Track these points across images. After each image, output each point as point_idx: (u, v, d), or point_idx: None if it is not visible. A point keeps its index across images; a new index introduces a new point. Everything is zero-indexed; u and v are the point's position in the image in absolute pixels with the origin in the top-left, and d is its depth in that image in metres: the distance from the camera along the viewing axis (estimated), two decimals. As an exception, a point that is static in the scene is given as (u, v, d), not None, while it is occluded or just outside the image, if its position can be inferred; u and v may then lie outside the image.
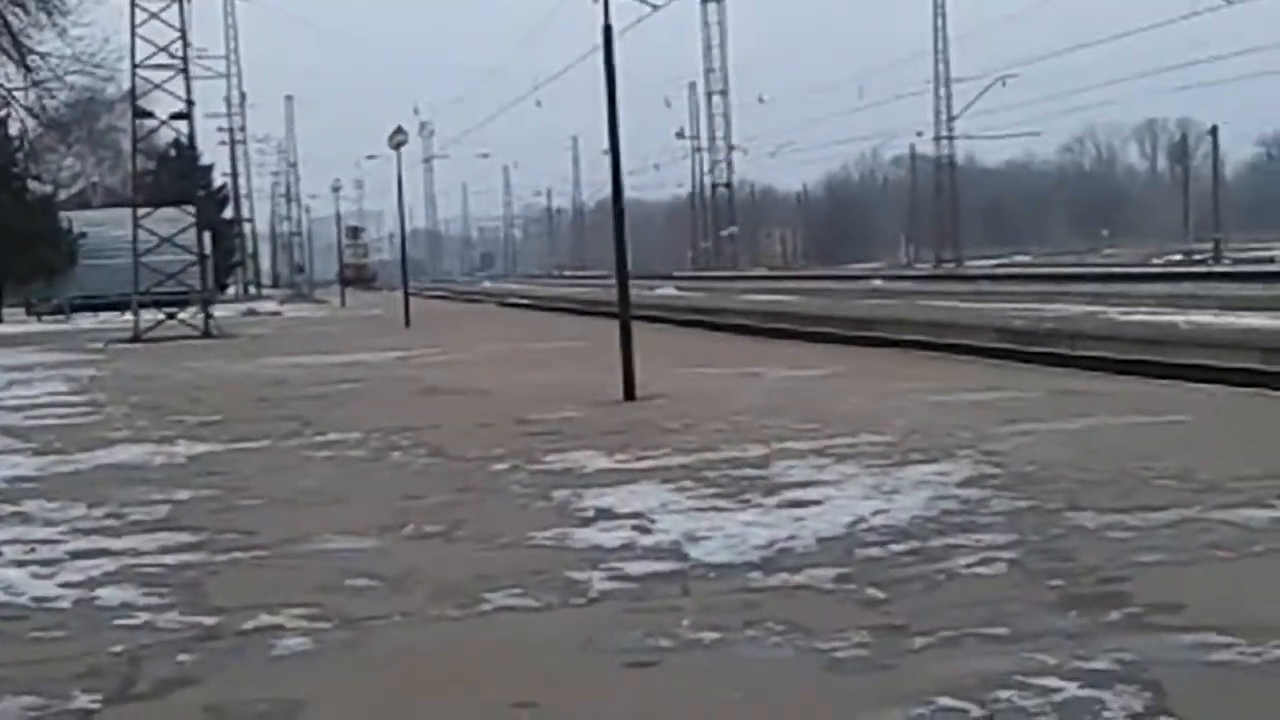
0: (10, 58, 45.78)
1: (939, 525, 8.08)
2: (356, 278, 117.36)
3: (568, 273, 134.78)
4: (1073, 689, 5.14)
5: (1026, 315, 27.96)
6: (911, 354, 22.20)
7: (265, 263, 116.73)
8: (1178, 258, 71.49)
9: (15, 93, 47.87)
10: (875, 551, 7.50)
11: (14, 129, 53.04)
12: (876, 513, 8.48)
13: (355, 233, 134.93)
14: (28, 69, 45.94)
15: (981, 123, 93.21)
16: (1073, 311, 28.22)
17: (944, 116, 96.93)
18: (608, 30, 16.39)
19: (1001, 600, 6.39)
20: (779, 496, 9.19)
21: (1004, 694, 5.10)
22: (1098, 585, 6.61)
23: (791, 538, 7.89)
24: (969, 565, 7.09)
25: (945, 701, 5.06)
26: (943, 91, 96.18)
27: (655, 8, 23.66)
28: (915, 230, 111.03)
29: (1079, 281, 46.43)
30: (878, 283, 62.12)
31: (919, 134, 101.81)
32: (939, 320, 29.12)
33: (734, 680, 5.50)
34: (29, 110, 49.18)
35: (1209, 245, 73.90)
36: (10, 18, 44.90)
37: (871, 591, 6.67)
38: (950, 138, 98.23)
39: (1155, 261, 69.07)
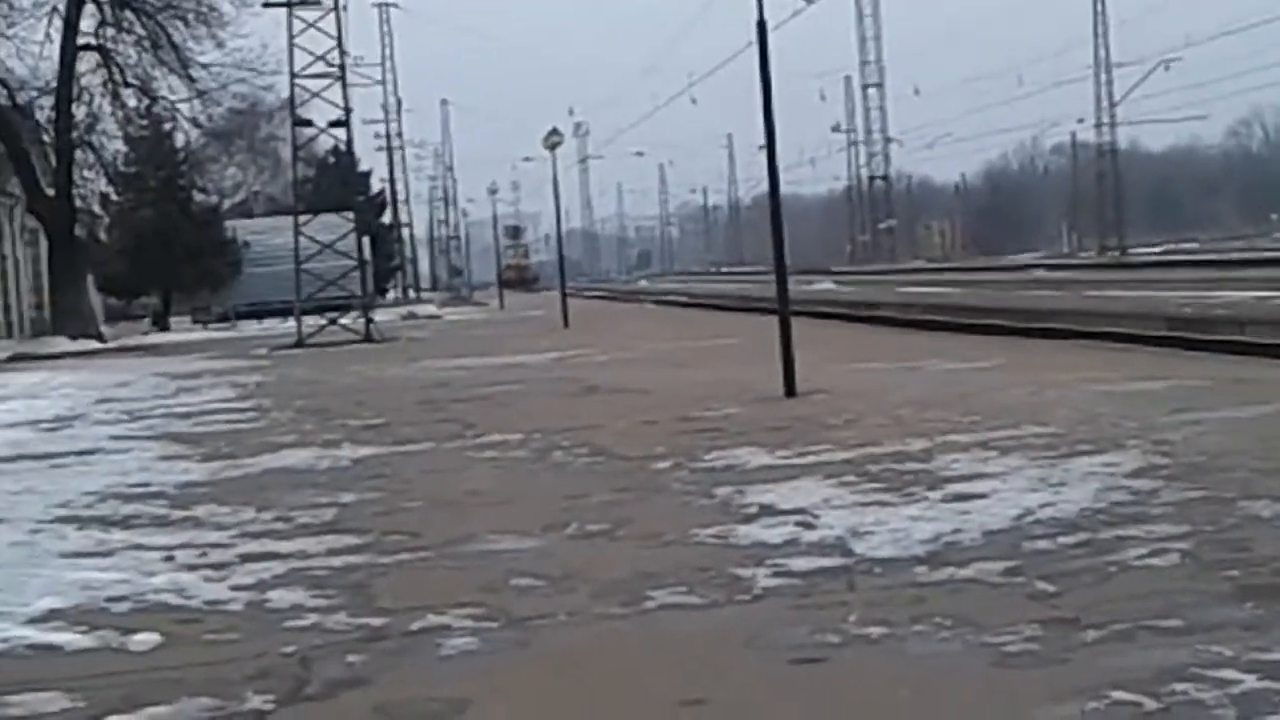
0: (174, 71, 46.72)
1: (1108, 517, 7.94)
2: (518, 279, 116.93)
3: (725, 269, 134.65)
4: (1251, 681, 5.01)
5: (1194, 302, 27.47)
6: (1076, 344, 21.86)
7: (424, 266, 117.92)
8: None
9: (179, 104, 48.86)
10: (1043, 544, 7.38)
11: (179, 141, 54.09)
12: (1044, 505, 8.35)
13: (516, 233, 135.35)
14: (191, 80, 46.86)
15: (1144, 108, 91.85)
16: (1242, 297, 27.67)
17: (1105, 102, 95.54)
18: (762, 25, 16.34)
19: (1175, 592, 6.26)
20: (943, 490, 9.09)
21: (1180, 687, 4.99)
22: (1275, 576, 6.46)
23: (957, 531, 7.80)
24: (1140, 557, 6.96)
25: (1119, 695, 4.96)
26: (1104, 77, 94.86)
27: (809, 1, 23.59)
28: (1077, 219, 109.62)
29: (1248, 267, 45.50)
30: (1039, 273, 61.39)
31: (1080, 121, 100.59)
32: (1103, 309, 28.71)
33: (902, 676, 5.44)
34: (193, 122, 50.17)
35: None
36: (172, 30, 45.81)
37: (1040, 585, 6.56)
38: (1112, 124, 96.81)
39: (1326, 245, 67.53)
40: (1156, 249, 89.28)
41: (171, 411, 19.32)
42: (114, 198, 54.97)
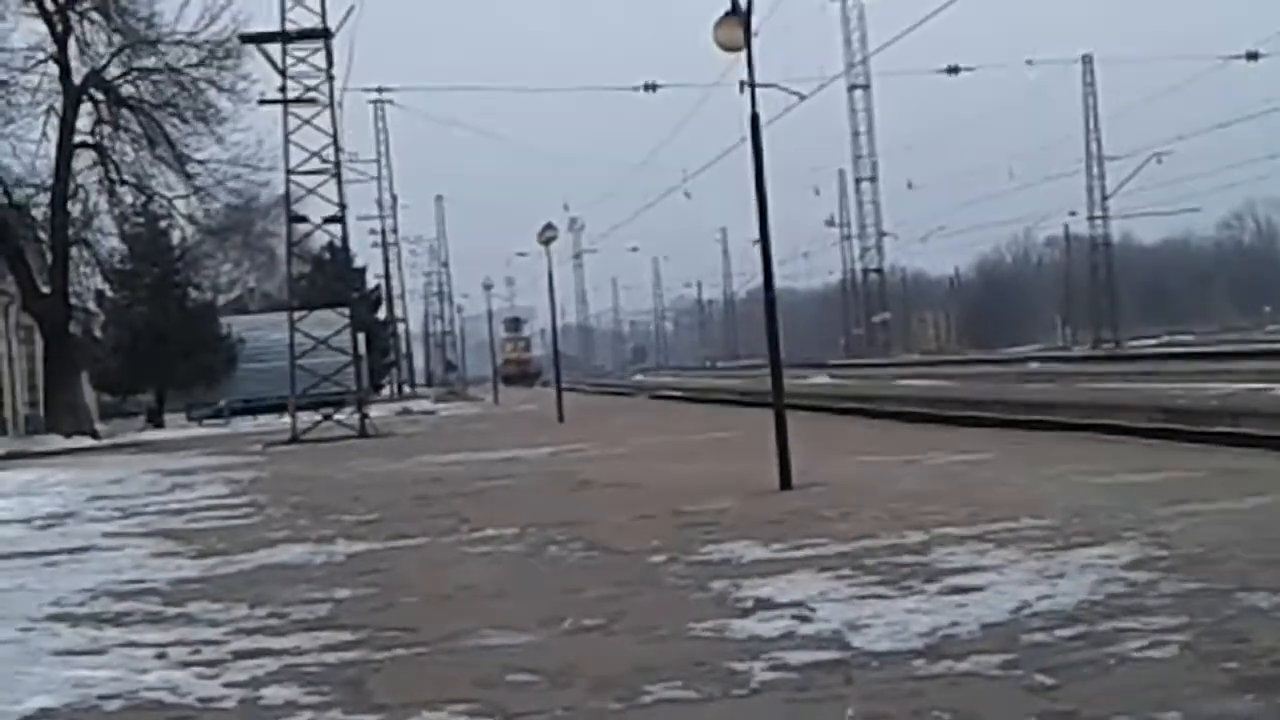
0: (171, 167, 46.95)
1: (1106, 609, 7.91)
2: (519, 374, 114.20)
3: (720, 364, 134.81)
4: (1252, 774, 4.98)
5: (1189, 394, 27.49)
6: (1071, 436, 21.85)
7: (419, 361, 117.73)
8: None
9: (176, 201, 49.06)
10: (1041, 637, 7.36)
11: (174, 237, 54.25)
12: (1041, 597, 8.33)
13: (516, 324, 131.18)
14: (188, 176, 47.07)
15: (1136, 200, 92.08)
16: (1236, 389, 27.69)
17: (1097, 195, 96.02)
18: (754, 120, 16.43)
19: (1174, 684, 6.23)
20: (940, 583, 9.06)
21: (1181, 780, 4.96)
22: (1274, 667, 6.43)
23: (955, 624, 7.77)
24: (1139, 649, 6.93)
25: (1120, 789, 4.92)
26: (1095, 170, 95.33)
27: (802, 97, 23.68)
28: (1071, 311, 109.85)
29: (1242, 359, 45.56)
30: (1034, 365, 61.48)
31: (1072, 214, 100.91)
32: (1099, 401, 28.71)
33: (901, 771, 5.40)
34: (188, 218, 50.36)
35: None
36: (169, 128, 46.07)
37: (1039, 677, 6.53)
38: (1105, 217, 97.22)
39: (1320, 337, 67.69)
40: (1150, 341, 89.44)
41: (165, 508, 19.27)
42: (109, 294, 55.08)
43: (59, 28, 45.70)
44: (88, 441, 44.19)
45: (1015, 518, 11.84)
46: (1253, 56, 73.31)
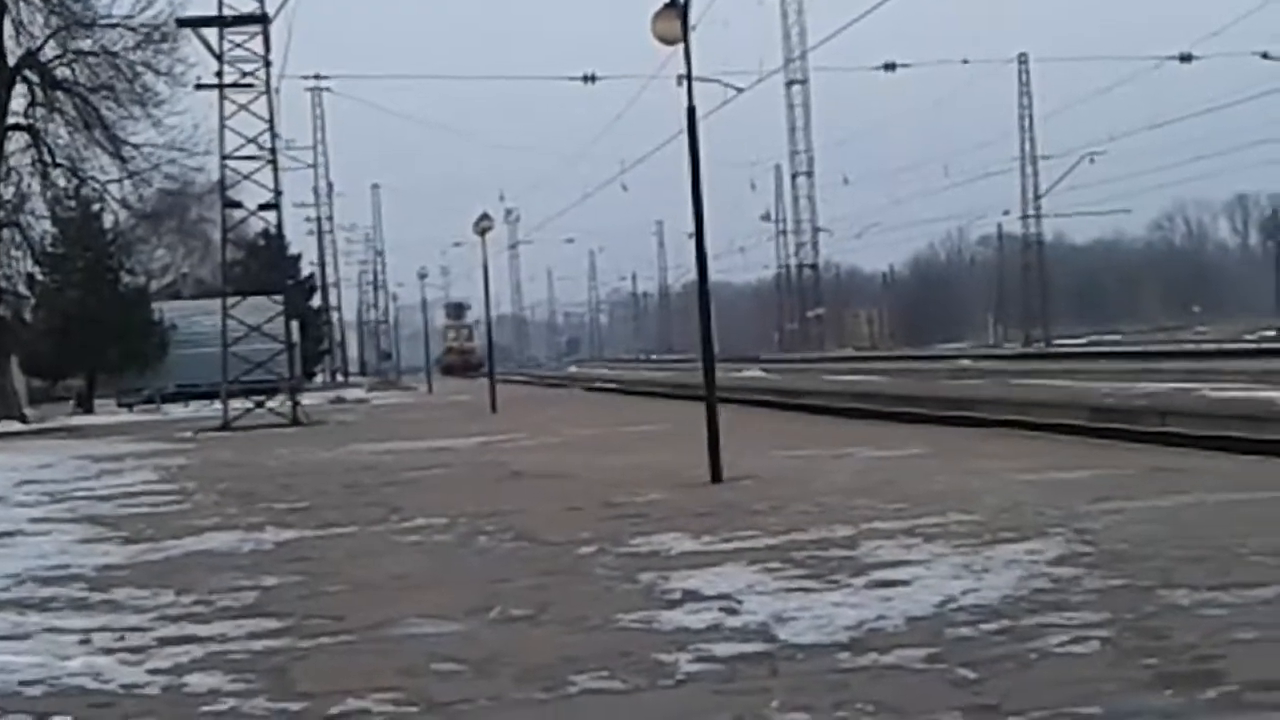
0: (104, 149, 46.55)
1: (1030, 604, 7.98)
2: (460, 365, 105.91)
3: (654, 356, 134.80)
4: (1170, 769, 5.03)
5: (1117, 393, 27.70)
6: (1001, 433, 22.00)
7: (353, 350, 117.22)
8: (1271, 334, 70.67)
9: (109, 185, 48.66)
10: (966, 631, 7.41)
11: (107, 222, 53.80)
12: (966, 592, 8.39)
13: (459, 311, 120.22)
14: (122, 160, 46.69)
15: (1069, 200, 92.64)
16: (1164, 388, 27.92)
17: (1031, 195, 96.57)
18: (691, 113, 16.46)
19: (1095, 679, 6.29)
20: (867, 577, 9.12)
21: (1099, 774, 5.01)
22: (1193, 663, 6.50)
23: (880, 618, 7.82)
24: (1062, 644, 6.99)
25: (1039, 782, 4.97)
26: (1029, 169, 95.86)
27: (739, 91, 23.76)
28: (1003, 309, 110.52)
29: (1170, 359, 45.95)
30: (966, 362, 61.79)
31: (1006, 212, 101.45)
32: (1028, 399, 28.90)
33: (823, 762, 5.43)
34: (122, 202, 49.97)
35: (1302, 320, 73.11)
36: (105, 111, 45.68)
37: (962, 671, 6.58)
38: (1038, 216, 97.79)
39: (1248, 338, 68.26)
40: (1080, 340, 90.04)
41: (93, 494, 19.14)
42: (40, 278, 54.56)
43: (-6, 9, 45.25)
44: (16, 426, 43.81)
45: (943, 513, 11.92)
46: (1185, 58, 73.81)
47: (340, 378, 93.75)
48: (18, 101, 46.43)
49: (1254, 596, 7.83)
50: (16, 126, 46.63)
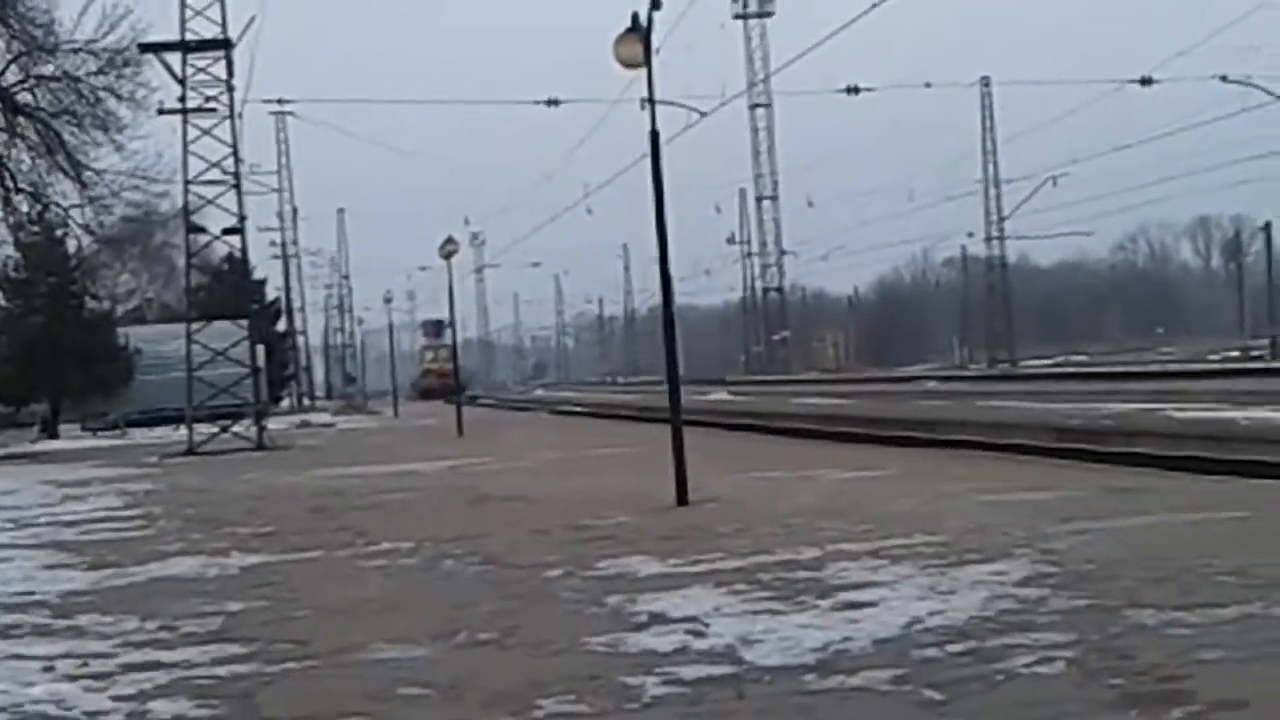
0: (67, 175, 46.30)
1: (996, 625, 7.99)
2: (441, 388, 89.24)
3: (620, 380, 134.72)
4: (1135, 789, 5.04)
5: (1082, 414, 27.77)
6: (966, 454, 22.06)
7: (319, 375, 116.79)
8: (1234, 354, 71.01)
9: (72, 210, 48.43)
10: (932, 652, 7.42)
11: (71, 247, 53.58)
12: (933, 613, 8.40)
13: (439, 329, 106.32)
14: (84, 185, 46.48)
15: (1033, 222, 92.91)
16: (1129, 409, 28.01)
17: (994, 217, 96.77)
18: (654, 136, 16.47)
19: (1061, 700, 6.30)
20: (834, 598, 9.12)
21: (1065, 795, 5.01)
22: (1159, 683, 6.52)
23: (847, 639, 7.82)
24: (1027, 665, 7.00)
25: (1005, 803, 4.97)
26: (993, 192, 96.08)
27: (702, 114, 23.83)
28: (968, 331, 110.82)
29: (1135, 379, 46.13)
30: (931, 384, 61.90)
31: (970, 235, 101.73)
32: (994, 420, 28.95)
33: (790, 785, 5.43)
34: (85, 228, 49.73)
35: (1265, 341, 73.44)
36: (67, 136, 45.50)
37: (928, 693, 6.59)
38: (1001, 238, 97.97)
39: (1211, 358, 68.55)
40: (1045, 361, 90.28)
41: (57, 519, 19.03)
42: (3, 304, 54.35)
43: (-45, 34, 45.03)
44: (-21, 452, 43.58)
45: (909, 534, 11.94)
46: (1146, 82, 74.21)
47: (306, 402, 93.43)
48: (-21, 128, 46.20)
49: (1219, 616, 7.85)
50: (-22, 152, 46.40)
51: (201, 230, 43.09)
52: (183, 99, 39.85)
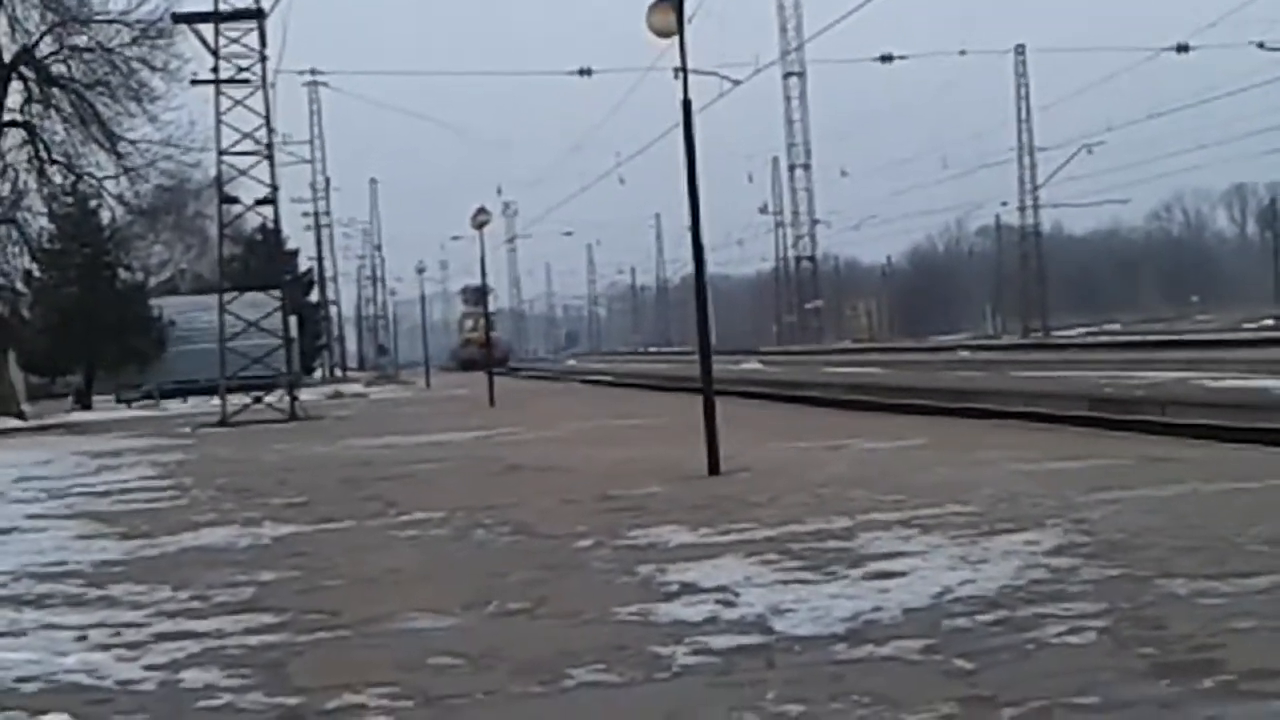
0: (101, 145, 46.45)
1: (1027, 595, 7.96)
2: (483, 360, 78.59)
3: (652, 349, 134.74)
4: (1166, 759, 5.02)
5: (1116, 383, 27.69)
6: (999, 424, 21.98)
7: (351, 345, 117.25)
8: (1269, 323, 70.64)
9: (106, 181, 48.58)
10: (962, 622, 7.40)
11: (104, 218, 53.76)
12: (964, 583, 8.38)
13: (480, 295, 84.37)
14: (118, 156, 46.61)
15: (1067, 191, 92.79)
16: (1163, 378, 27.92)
17: (1029, 185, 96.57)
18: (687, 105, 16.42)
19: (1092, 669, 6.27)
20: (864, 568, 9.10)
21: (1095, 765, 4.99)
22: (1190, 653, 6.49)
23: (877, 609, 7.81)
24: (1058, 634, 6.98)
25: (1035, 773, 4.95)
26: (1027, 160, 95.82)
27: (736, 83, 23.76)
28: (1001, 300, 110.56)
29: (1169, 348, 45.95)
30: (964, 353, 61.78)
31: (1004, 204, 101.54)
32: (1027, 390, 28.88)
33: (819, 754, 5.42)
34: (118, 198, 49.88)
35: (1301, 309, 73.07)
36: (101, 107, 45.60)
37: (959, 662, 6.57)
38: (1035, 206, 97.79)
39: (1247, 327, 68.24)
40: (1079, 330, 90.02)
41: (91, 490, 19.12)
42: (37, 275, 54.54)
43: (-11, 5, 45.14)
44: (14, 423, 43.80)
45: (940, 504, 11.91)
46: (1183, 49, 73.89)
47: (338, 373, 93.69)
48: (14, 98, 46.32)
49: (1251, 586, 7.81)
50: (13, 123, 46.53)
51: (234, 201, 43.20)
52: (215, 69, 39.90)
